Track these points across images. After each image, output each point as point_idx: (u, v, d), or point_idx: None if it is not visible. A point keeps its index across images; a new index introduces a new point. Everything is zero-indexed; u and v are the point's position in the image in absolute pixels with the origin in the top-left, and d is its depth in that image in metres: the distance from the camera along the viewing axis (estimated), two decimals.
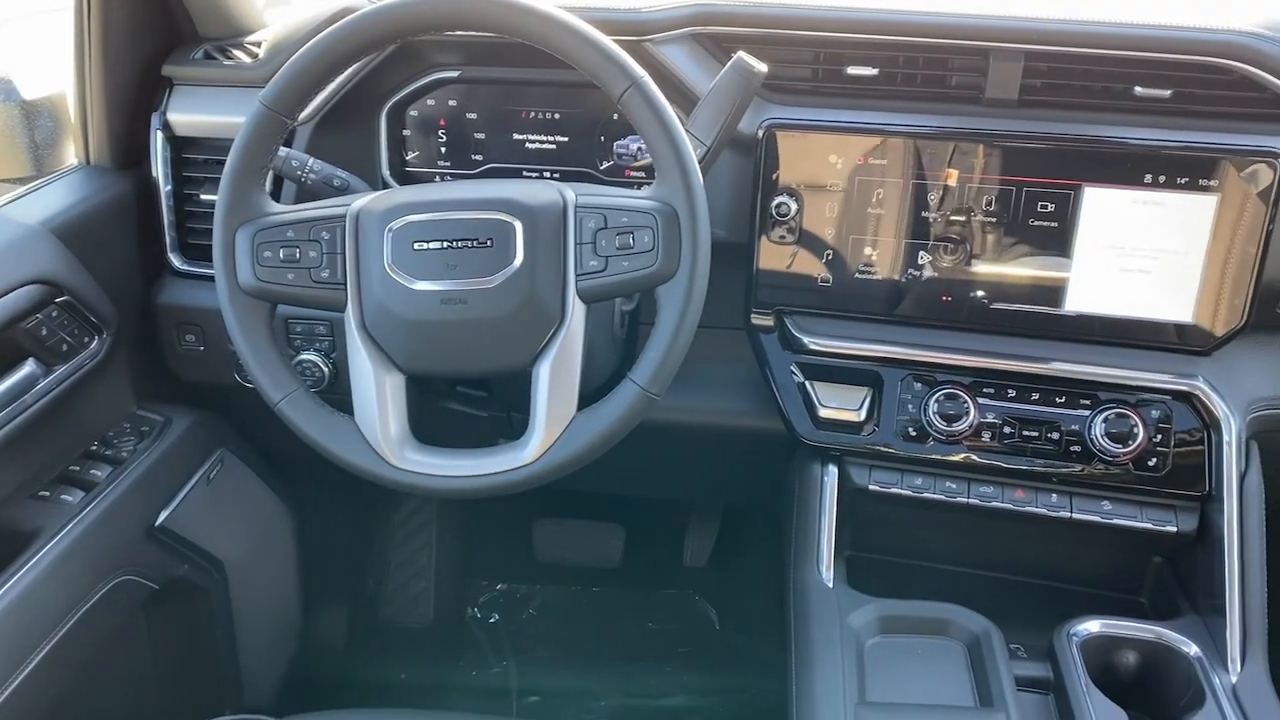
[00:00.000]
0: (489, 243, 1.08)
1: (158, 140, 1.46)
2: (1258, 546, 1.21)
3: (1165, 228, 1.21)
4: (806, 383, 1.35)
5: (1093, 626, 1.19)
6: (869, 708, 1.11)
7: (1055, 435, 1.27)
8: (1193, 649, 1.17)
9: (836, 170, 1.28)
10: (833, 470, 1.34)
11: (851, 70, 1.30)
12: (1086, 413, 1.27)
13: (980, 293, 1.29)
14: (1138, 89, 1.23)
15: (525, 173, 1.45)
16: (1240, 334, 1.23)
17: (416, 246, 1.08)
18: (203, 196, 1.47)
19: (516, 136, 1.45)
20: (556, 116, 1.43)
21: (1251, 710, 1.10)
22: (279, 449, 1.56)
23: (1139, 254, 1.23)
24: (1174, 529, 1.25)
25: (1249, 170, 1.17)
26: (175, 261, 1.49)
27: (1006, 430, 1.29)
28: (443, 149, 1.47)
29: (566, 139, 1.44)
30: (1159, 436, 1.25)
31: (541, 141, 1.45)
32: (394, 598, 2.07)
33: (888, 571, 1.41)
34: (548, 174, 1.45)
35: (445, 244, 1.08)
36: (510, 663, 2.05)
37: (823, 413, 1.34)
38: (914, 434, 1.31)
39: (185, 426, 1.50)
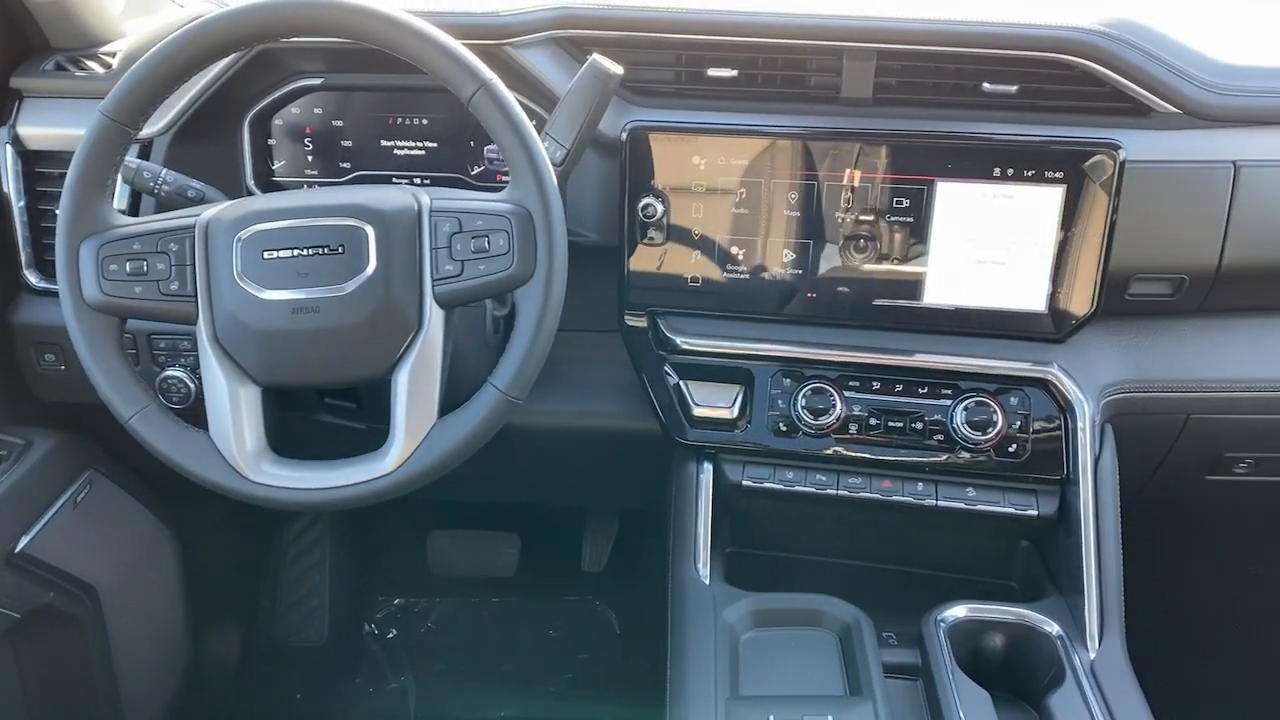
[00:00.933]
0: (340, 250, 1.07)
1: (7, 154, 1.41)
2: (1112, 527, 1.25)
3: (1016, 220, 1.25)
4: (680, 382, 1.36)
5: (959, 612, 1.22)
6: (740, 702, 1.12)
7: (919, 425, 1.30)
8: (1055, 628, 1.21)
9: (700, 171, 1.29)
10: (708, 468, 1.35)
11: (712, 72, 1.31)
12: (948, 402, 1.30)
13: (844, 288, 1.31)
14: (986, 85, 1.26)
15: (395, 180, 1.44)
16: (1092, 320, 1.27)
17: (266, 255, 1.07)
18: (57, 212, 1.42)
19: (385, 143, 1.43)
20: (425, 122, 1.42)
21: (1107, 685, 1.14)
22: (154, 469, 1.51)
23: (992, 246, 1.26)
24: (1035, 513, 1.29)
25: (1091, 162, 1.21)
26: (31, 279, 1.44)
27: (872, 422, 1.31)
28: (309, 158, 1.44)
29: (436, 145, 1.43)
30: (1018, 423, 1.28)
31: (411, 148, 1.43)
32: (287, 616, 2.03)
33: (769, 566, 1.43)
34: (418, 180, 1.43)
35: (295, 252, 1.06)
36: (408, 678, 2.02)
37: (697, 411, 1.35)
38: (784, 429, 1.32)
39: (48, 449, 1.45)
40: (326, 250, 1.07)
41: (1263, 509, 1.56)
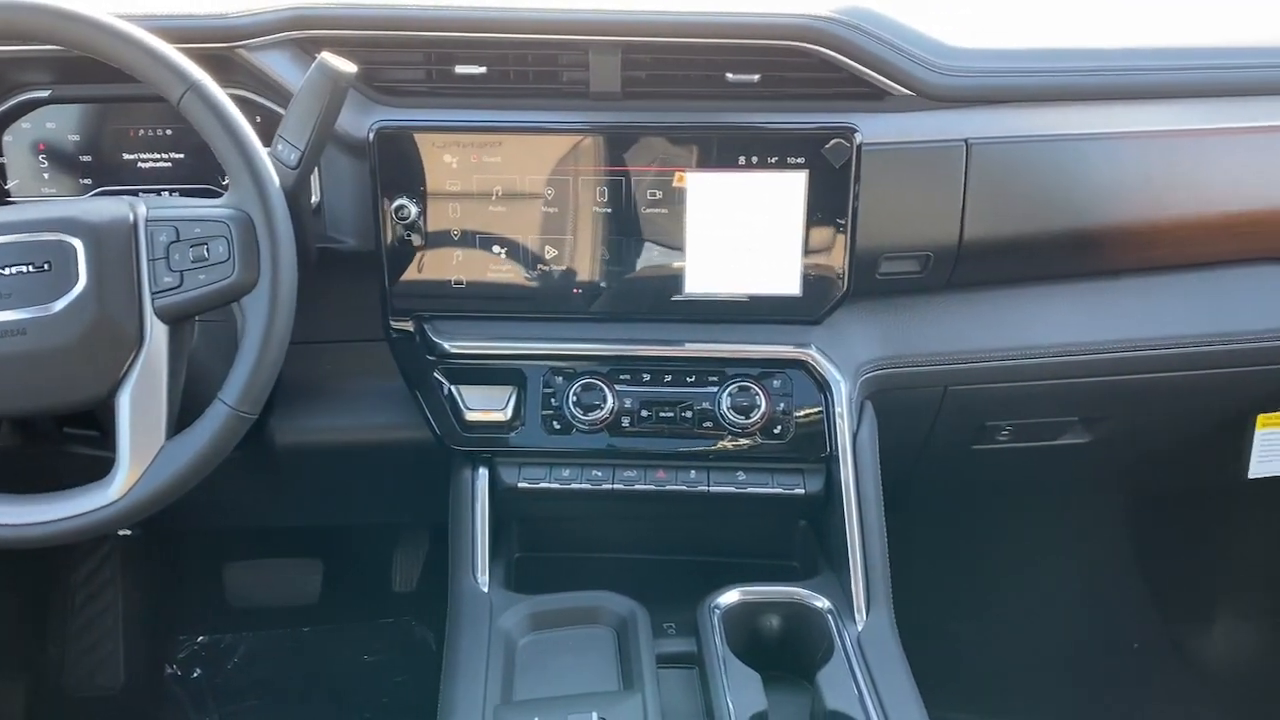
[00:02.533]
0: (46, 266, 1.00)
1: None
2: (874, 501, 1.28)
3: (765, 207, 1.27)
4: (452, 387, 1.33)
5: (733, 596, 1.23)
6: (509, 708, 1.10)
7: (689, 414, 1.31)
8: (825, 604, 1.23)
9: (453, 170, 1.27)
10: (483, 473, 1.33)
11: (460, 69, 1.29)
12: (715, 389, 1.31)
13: (606, 282, 1.30)
14: (729, 75, 1.28)
15: (143, 194, 1.36)
16: (846, 301, 1.30)
17: None
18: None
19: (127, 156, 1.36)
20: (169, 133, 1.35)
21: (872, 657, 1.16)
22: None
23: (746, 234, 1.28)
24: (802, 491, 1.31)
25: (829, 146, 1.24)
26: None
27: (644, 414, 1.31)
28: (45, 175, 1.35)
29: (183, 155, 1.36)
30: (781, 405, 1.31)
31: (156, 161, 1.36)
32: (77, 664, 1.91)
33: (560, 568, 1.41)
34: (167, 193, 1.36)
35: None
36: (215, 719, 1.92)
37: (470, 416, 1.33)
38: (558, 427, 1.31)
39: None
40: (31, 268, 1.00)
41: (1029, 474, 1.63)
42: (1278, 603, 1.83)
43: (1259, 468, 1.46)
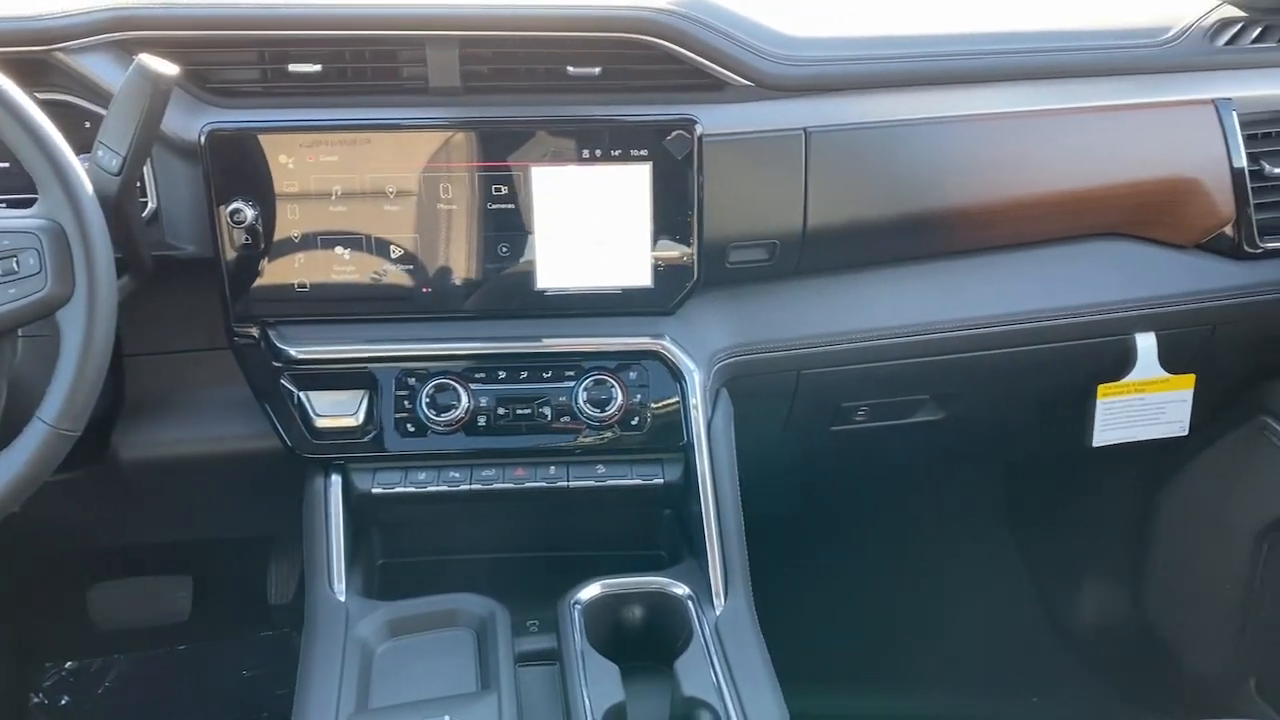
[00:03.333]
0: None
1: None
2: (730, 486, 1.29)
3: (612, 200, 1.27)
4: (300, 394, 1.30)
5: (594, 590, 1.22)
6: (362, 715, 1.08)
7: (546, 410, 1.30)
8: (684, 590, 1.23)
9: (290, 171, 1.24)
10: (336, 480, 1.30)
11: (294, 68, 1.26)
12: (572, 384, 1.31)
13: (457, 280, 1.29)
14: (570, 69, 1.28)
15: None
16: (698, 291, 1.31)
17: None
18: None
19: None
20: None
21: (729, 640, 1.18)
22: None
23: (595, 227, 1.28)
24: (662, 481, 1.32)
25: (671, 138, 1.25)
26: None
27: (500, 412, 1.30)
28: None
29: (7, 165, 1.29)
30: (638, 396, 1.31)
31: None
32: None
33: (426, 571, 1.39)
34: None
35: None
36: None
37: (320, 423, 1.30)
38: (412, 430, 1.29)
39: None
40: None
41: (890, 452, 1.67)
42: (1134, 563, 1.91)
43: (1101, 436, 1.51)
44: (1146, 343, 1.48)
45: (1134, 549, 1.90)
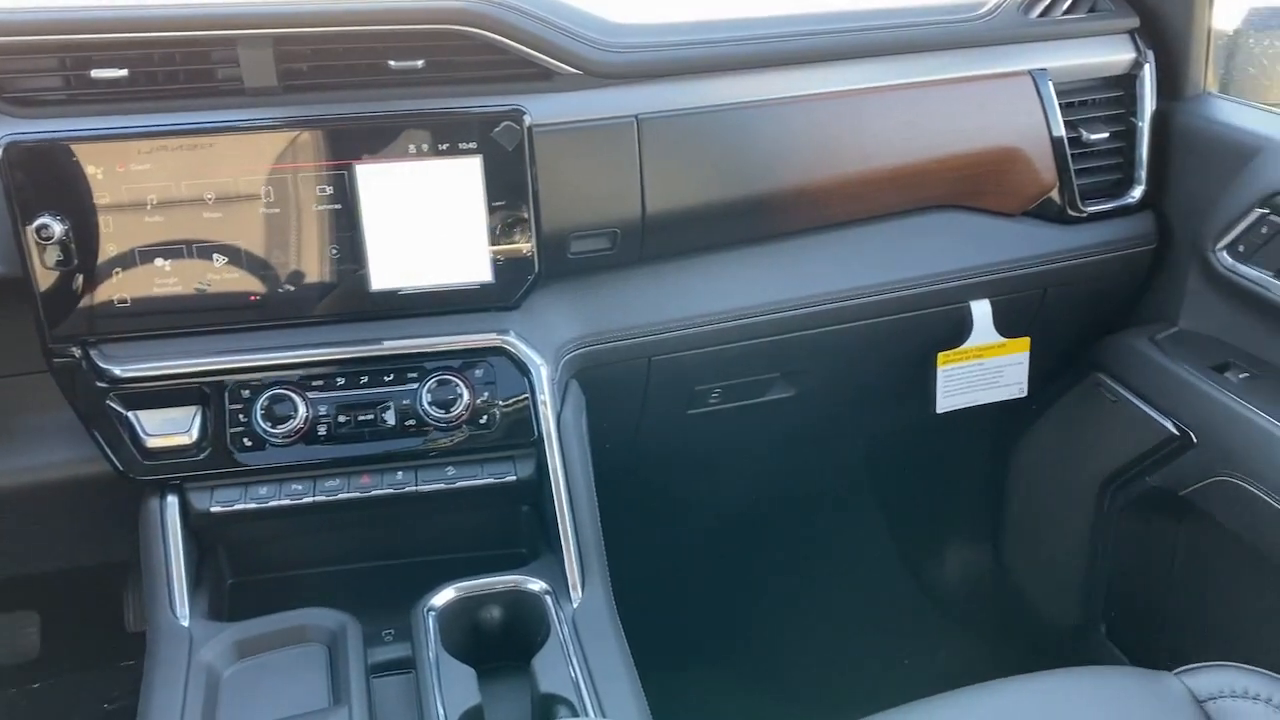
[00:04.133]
0: None
1: None
2: (583, 477, 1.29)
3: (443, 195, 1.24)
4: (128, 414, 1.24)
5: (448, 594, 1.20)
6: None
7: (389, 414, 1.27)
8: (540, 585, 1.22)
9: (100, 182, 1.18)
10: (172, 501, 1.25)
11: (96, 74, 1.20)
12: (415, 385, 1.28)
13: (287, 287, 1.25)
14: (392, 62, 1.24)
15: None
16: (541, 283, 1.30)
17: None
18: None
19: None
20: None
21: (586, 633, 1.17)
22: None
23: (427, 224, 1.25)
24: (515, 478, 1.30)
25: (499, 129, 1.23)
26: None
27: (341, 419, 1.26)
28: None
29: None
30: (485, 394, 1.29)
31: None
32: None
33: (281, 587, 1.35)
34: None
35: None
36: None
37: (150, 443, 1.24)
38: (249, 444, 1.25)
39: None
40: None
41: (748, 431, 1.69)
42: (992, 523, 1.98)
43: (944, 403, 1.56)
44: (982, 309, 1.53)
45: (991, 510, 1.97)
